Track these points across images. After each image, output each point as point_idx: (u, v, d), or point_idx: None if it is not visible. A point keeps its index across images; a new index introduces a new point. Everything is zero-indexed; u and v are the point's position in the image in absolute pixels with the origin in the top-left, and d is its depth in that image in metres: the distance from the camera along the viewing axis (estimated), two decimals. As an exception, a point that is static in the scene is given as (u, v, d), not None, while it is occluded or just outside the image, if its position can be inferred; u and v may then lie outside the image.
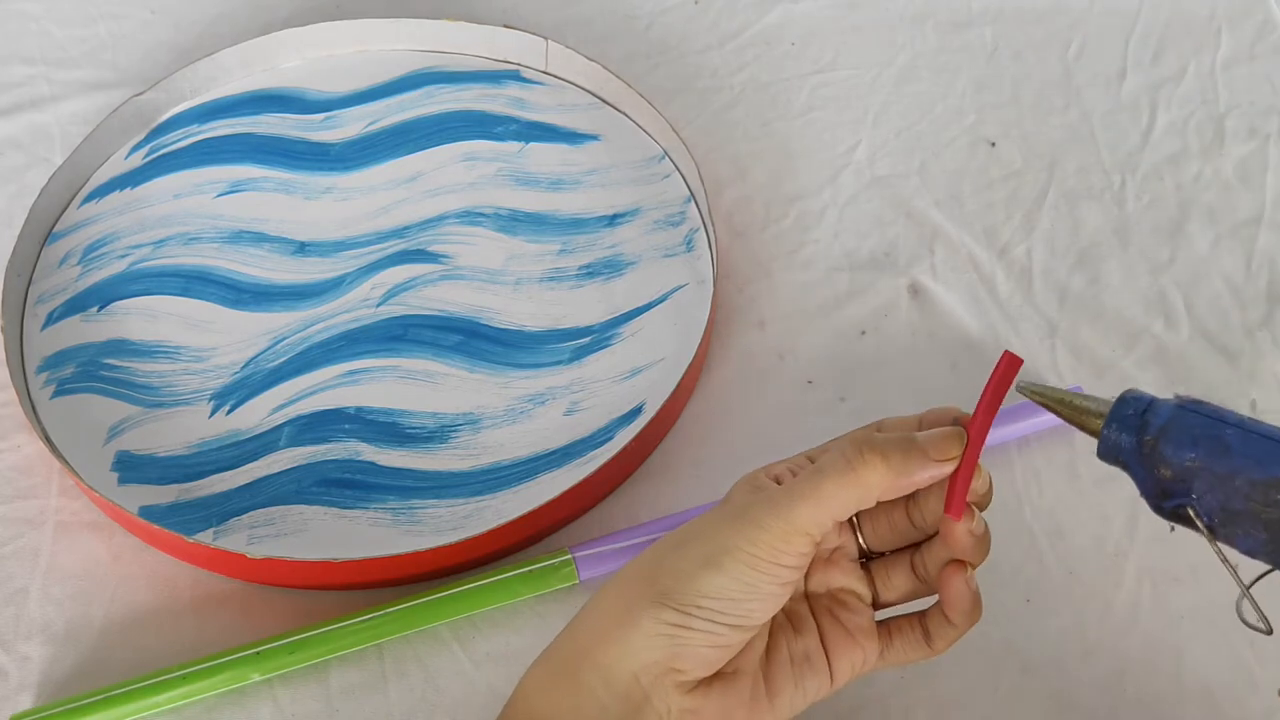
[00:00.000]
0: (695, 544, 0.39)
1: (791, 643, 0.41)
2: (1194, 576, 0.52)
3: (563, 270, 0.60)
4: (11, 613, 0.51)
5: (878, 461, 0.38)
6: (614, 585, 0.40)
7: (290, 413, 0.55)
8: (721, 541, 0.39)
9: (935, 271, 0.61)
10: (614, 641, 0.39)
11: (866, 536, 0.43)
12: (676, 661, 0.38)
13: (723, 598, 0.38)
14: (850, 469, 0.38)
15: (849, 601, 0.42)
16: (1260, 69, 0.69)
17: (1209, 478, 0.36)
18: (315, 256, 0.60)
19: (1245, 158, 0.66)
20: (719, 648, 0.39)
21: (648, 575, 0.39)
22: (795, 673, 0.41)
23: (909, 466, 0.39)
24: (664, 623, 0.38)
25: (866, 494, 0.39)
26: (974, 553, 0.40)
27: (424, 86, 0.66)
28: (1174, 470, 0.36)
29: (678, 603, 0.38)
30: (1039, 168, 0.65)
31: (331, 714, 0.48)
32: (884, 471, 0.38)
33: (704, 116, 0.67)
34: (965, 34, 0.71)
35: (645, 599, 0.38)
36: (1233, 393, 0.57)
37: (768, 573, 0.38)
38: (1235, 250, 0.62)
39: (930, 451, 0.39)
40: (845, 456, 0.39)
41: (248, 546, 0.51)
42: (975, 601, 0.41)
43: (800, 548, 0.38)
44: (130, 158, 0.64)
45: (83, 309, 0.58)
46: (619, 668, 0.38)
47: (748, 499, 0.40)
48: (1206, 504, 0.36)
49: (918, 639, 0.42)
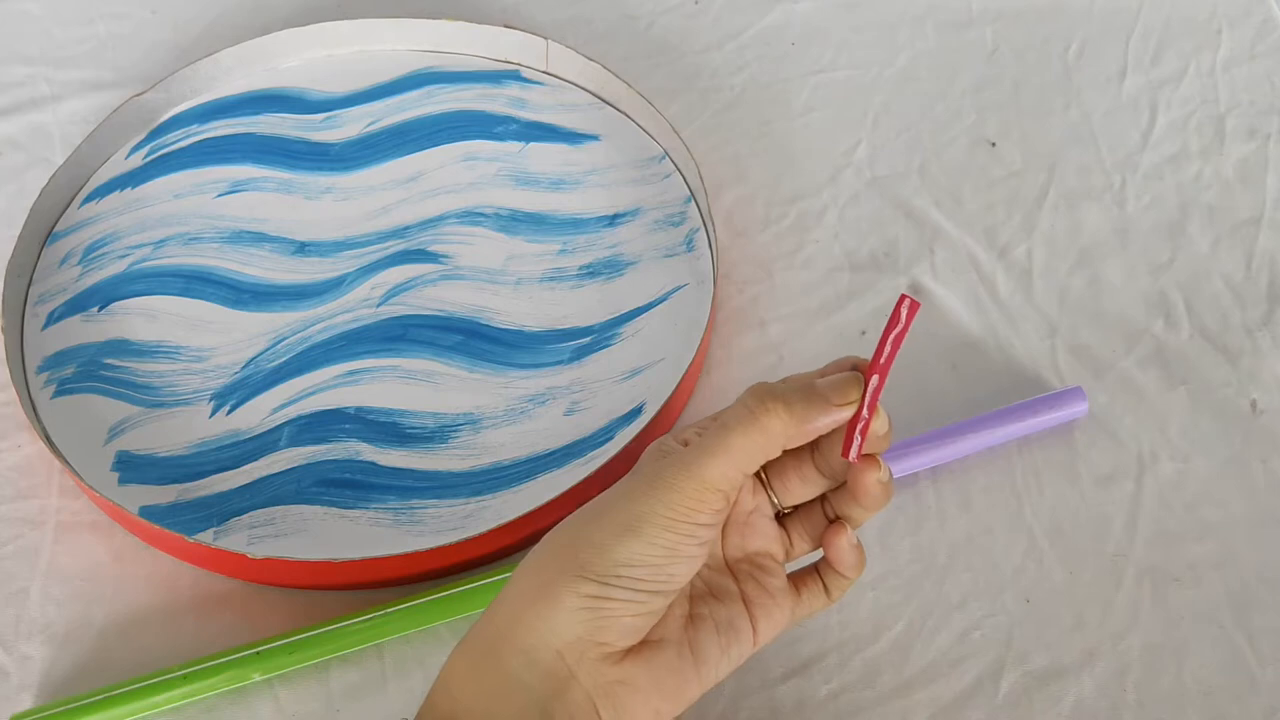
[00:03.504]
0: (610, 514, 0.39)
1: (716, 611, 0.42)
2: (1194, 576, 0.52)
3: (563, 270, 0.60)
4: (12, 613, 0.51)
5: (780, 409, 0.39)
6: (530, 563, 0.40)
7: (290, 413, 0.55)
8: (636, 509, 0.39)
9: (935, 271, 0.61)
10: (535, 620, 0.39)
11: (779, 493, 0.43)
12: (600, 634, 0.38)
13: (642, 564, 0.38)
14: (754, 418, 0.39)
15: (767, 564, 0.43)
16: (1260, 69, 0.69)
17: None
18: (315, 256, 0.60)
19: (1245, 157, 0.66)
20: (642, 615, 0.39)
21: (565, 550, 0.39)
22: (721, 640, 0.41)
23: (810, 412, 0.39)
24: (584, 595, 0.38)
25: (771, 442, 0.39)
26: (877, 499, 0.41)
27: (424, 86, 0.66)
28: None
29: (597, 574, 0.38)
30: (1039, 168, 0.65)
31: (332, 714, 0.48)
32: (786, 418, 0.39)
33: (704, 116, 0.67)
34: (965, 34, 0.71)
35: (564, 574, 0.39)
36: (1233, 393, 0.57)
37: (685, 533, 0.39)
38: (1235, 250, 0.62)
39: (830, 396, 0.40)
40: (748, 407, 0.39)
41: (248, 546, 0.51)
42: (859, 556, 0.43)
43: (714, 504, 0.39)
44: (130, 158, 0.64)
45: (83, 309, 0.58)
46: (541, 646, 0.38)
47: (658, 464, 0.40)
48: None
49: (819, 590, 0.43)
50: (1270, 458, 0.55)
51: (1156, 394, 0.57)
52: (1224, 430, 0.56)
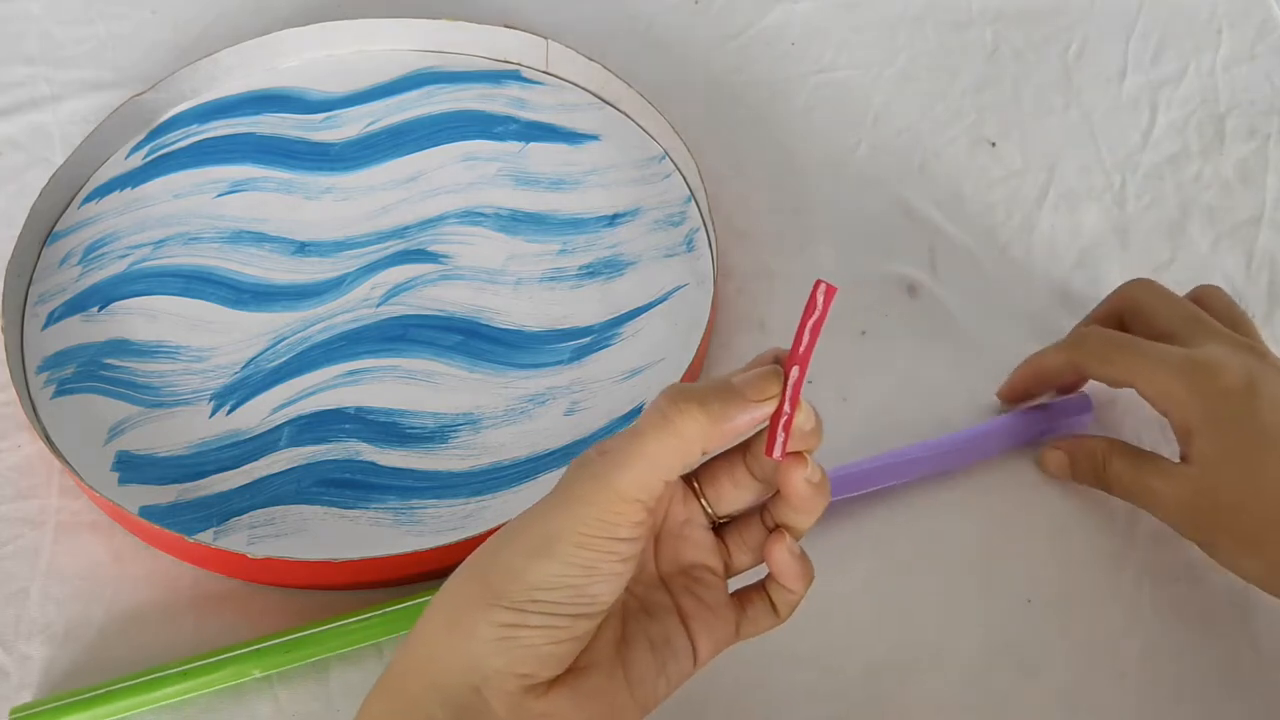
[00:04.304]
0: (522, 535, 0.36)
1: (650, 629, 0.39)
2: (1194, 576, 0.52)
3: (563, 270, 0.60)
4: (11, 613, 0.51)
5: (694, 409, 0.36)
6: (444, 593, 0.37)
7: (290, 413, 0.55)
8: (548, 527, 0.36)
9: (936, 272, 0.61)
10: (448, 654, 0.36)
11: (712, 501, 0.41)
12: (519, 665, 0.36)
13: (559, 586, 0.35)
14: (666, 421, 0.36)
15: (704, 577, 0.41)
16: (1261, 69, 0.69)
17: None
18: (315, 256, 0.60)
19: (1246, 157, 0.66)
20: (564, 642, 0.36)
21: (478, 577, 0.37)
22: (657, 659, 0.39)
23: (728, 410, 0.36)
24: (499, 625, 0.35)
25: (688, 446, 0.36)
26: (808, 500, 0.38)
27: (424, 86, 0.66)
28: None
29: (511, 601, 0.35)
30: (1039, 168, 0.65)
31: (332, 714, 0.48)
32: (703, 420, 0.36)
33: (704, 116, 0.67)
34: (965, 34, 0.71)
35: (476, 603, 0.36)
36: (1233, 393, 0.57)
37: (603, 550, 0.36)
38: (1236, 250, 0.62)
39: (747, 393, 0.36)
40: (660, 410, 0.36)
41: (248, 546, 0.51)
42: (803, 567, 0.40)
43: (632, 516, 0.36)
44: (130, 158, 0.64)
45: (83, 309, 0.58)
46: (457, 683, 0.36)
47: (571, 477, 0.37)
48: None
49: (767, 608, 0.41)
50: (1270, 458, 0.55)
51: (1156, 394, 0.57)
52: (1224, 430, 0.56)
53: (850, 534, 0.52)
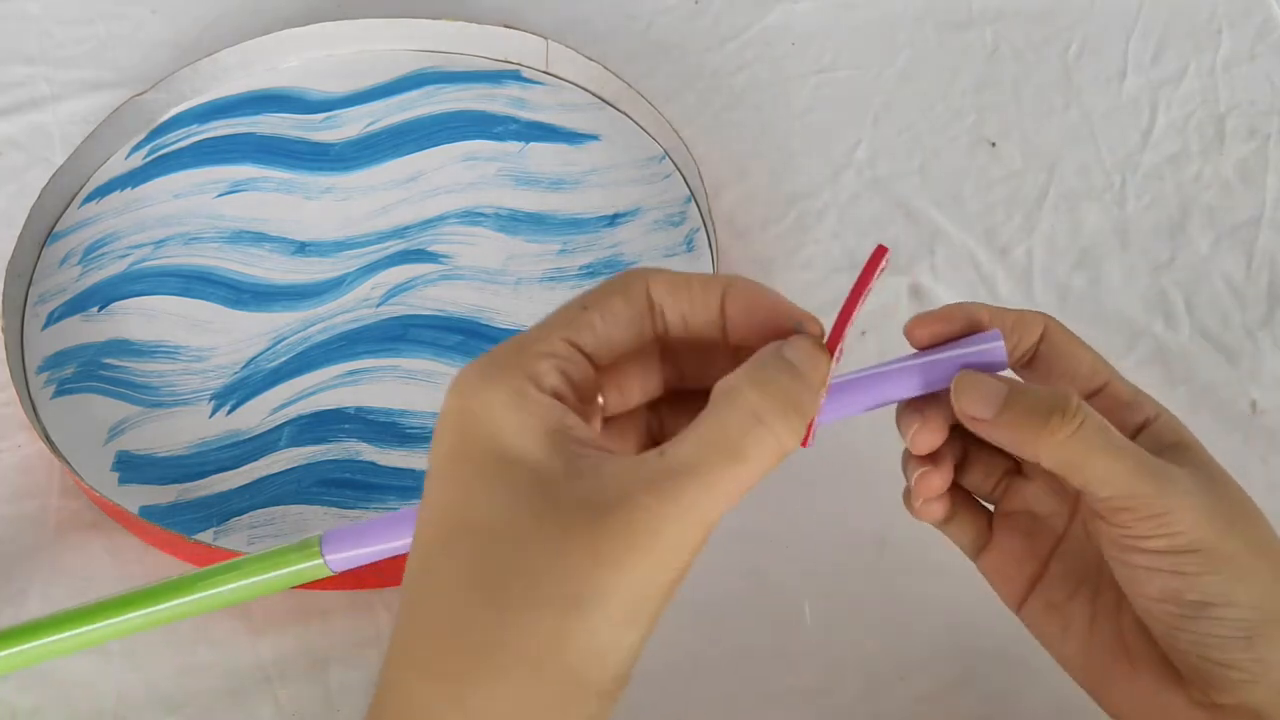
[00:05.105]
0: (592, 599, 0.29)
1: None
2: (1194, 576, 0.52)
3: (563, 270, 0.60)
4: (11, 613, 0.51)
5: (799, 423, 0.31)
6: (497, 704, 0.30)
7: (290, 413, 0.55)
8: (607, 579, 0.29)
9: (936, 272, 0.61)
10: None
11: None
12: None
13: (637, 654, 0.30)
14: (777, 442, 0.31)
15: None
16: (1261, 69, 0.69)
17: None
18: (315, 256, 0.60)
19: (1246, 158, 0.66)
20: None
21: (558, 670, 0.29)
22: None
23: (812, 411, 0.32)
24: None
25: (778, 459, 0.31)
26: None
27: (424, 86, 0.66)
28: None
29: (614, 687, 0.30)
30: (1039, 168, 0.65)
31: (332, 713, 0.48)
32: (797, 429, 0.31)
33: (704, 116, 0.67)
34: (965, 34, 0.71)
35: (577, 706, 0.30)
36: (1233, 393, 0.57)
37: (678, 580, 0.30)
38: (1236, 250, 0.62)
39: (817, 384, 0.33)
40: (761, 420, 0.30)
41: (248, 546, 0.51)
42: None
43: (702, 541, 0.30)
44: (130, 158, 0.64)
45: (83, 309, 0.58)
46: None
47: (591, 484, 0.29)
48: None
49: None
50: (1270, 457, 0.55)
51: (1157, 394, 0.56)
52: (1224, 430, 0.56)
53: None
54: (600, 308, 0.33)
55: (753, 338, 0.34)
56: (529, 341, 0.32)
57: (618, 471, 0.30)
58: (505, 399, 0.31)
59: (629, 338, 0.34)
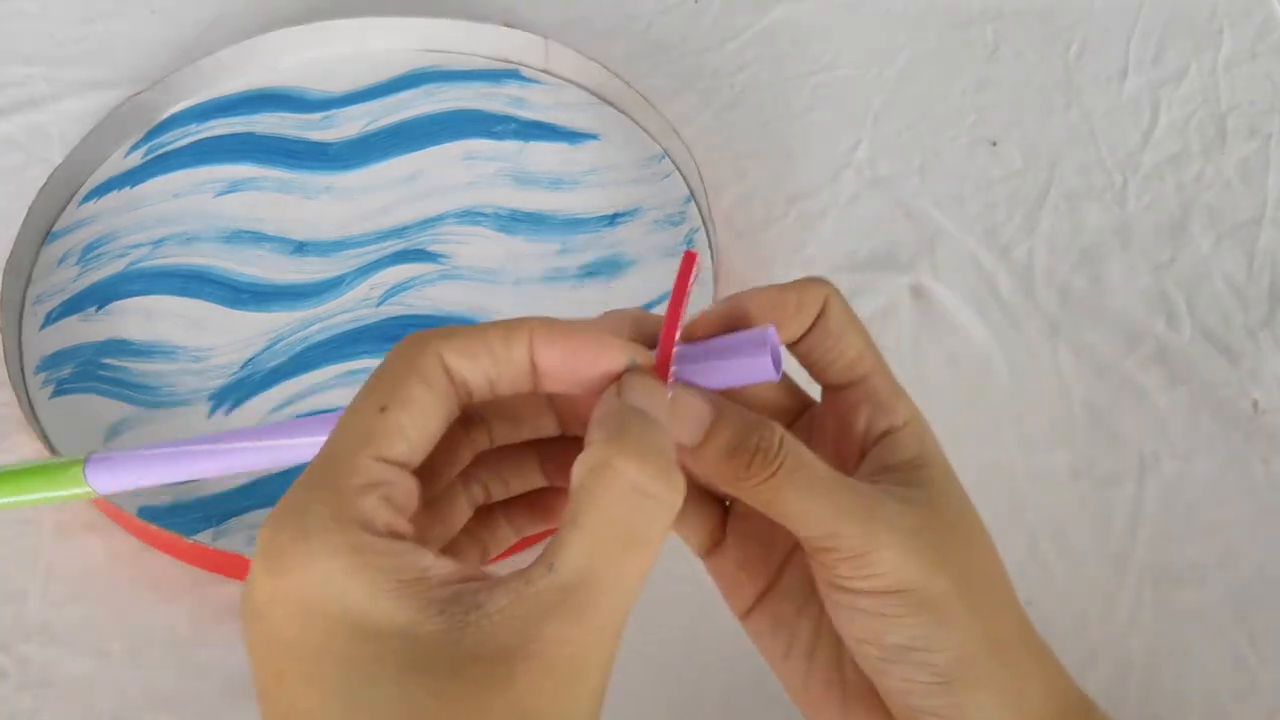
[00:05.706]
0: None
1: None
2: (1196, 576, 0.52)
3: (563, 270, 0.60)
4: (11, 613, 0.51)
5: (674, 474, 0.28)
6: None
7: (289, 413, 0.55)
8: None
9: (937, 272, 0.61)
10: None
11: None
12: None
13: None
14: (673, 513, 0.28)
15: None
16: (1262, 68, 0.69)
17: None
18: (314, 256, 0.60)
19: (1247, 157, 0.66)
20: None
21: None
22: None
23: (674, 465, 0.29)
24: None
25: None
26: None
27: (423, 85, 0.66)
28: None
29: None
30: (1040, 167, 0.65)
31: (331, 715, 0.48)
32: (678, 484, 0.29)
33: (704, 116, 0.67)
34: (966, 33, 0.71)
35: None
36: (1234, 393, 0.57)
37: (607, 680, 0.28)
38: (1237, 250, 0.62)
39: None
40: (653, 494, 0.28)
41: (247, 546, 0.51)
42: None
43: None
44: (129, 157, 0.64)
45: (81, 309, 0.58)
46: None
47: (484, 633, 0.26)
48: None
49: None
50: (1271, 458, 0.55)
51: (1158, 394, 0.57)
52: (1225, 430, 0.56)
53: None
54: (400, 404, 0.29)
55: (572, 386, 0.31)
56: (338, 474, 0.28)
57: (507, 607, 0.26)
58: (344, 564, 0.26)
59: (439, 427, 0.30)
